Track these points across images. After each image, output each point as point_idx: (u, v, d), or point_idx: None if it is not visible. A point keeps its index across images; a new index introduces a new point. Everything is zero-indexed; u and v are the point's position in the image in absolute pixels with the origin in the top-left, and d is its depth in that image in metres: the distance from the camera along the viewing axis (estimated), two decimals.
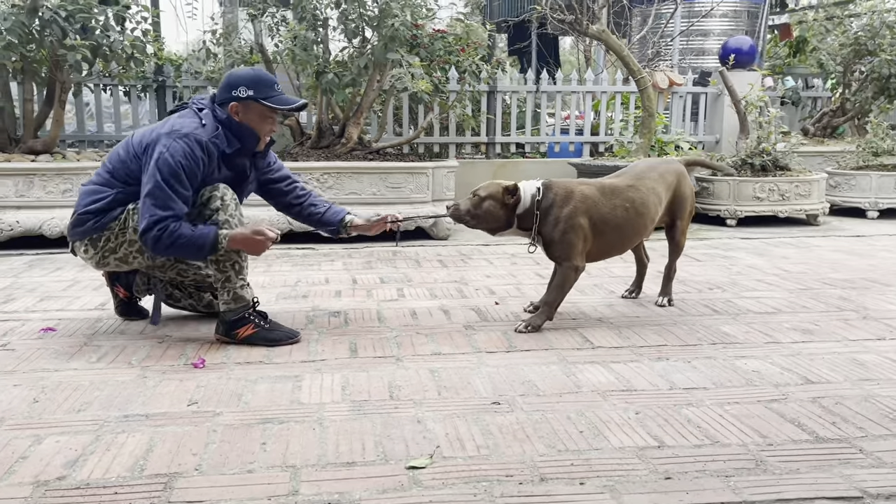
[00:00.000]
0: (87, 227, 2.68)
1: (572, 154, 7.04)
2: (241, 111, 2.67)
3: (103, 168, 2.74)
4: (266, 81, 2.69)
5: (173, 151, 2.52)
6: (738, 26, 9.16)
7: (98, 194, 2.68)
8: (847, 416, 2.05)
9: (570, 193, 2.91)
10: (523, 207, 2.91)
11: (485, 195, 2.91)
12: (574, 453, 1.82)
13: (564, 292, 2.96)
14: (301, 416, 2.04)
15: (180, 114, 2.72)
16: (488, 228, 2.97)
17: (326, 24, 5.26)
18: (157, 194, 2.51)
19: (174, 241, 2.52)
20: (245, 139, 2.71)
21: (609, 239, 2.97)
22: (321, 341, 2.76)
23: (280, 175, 3.00)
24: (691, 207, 3.22)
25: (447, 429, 1.96)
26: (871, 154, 6.49)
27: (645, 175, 3.09)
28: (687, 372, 2.42)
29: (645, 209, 2.99)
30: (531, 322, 2.91)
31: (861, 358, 2.56)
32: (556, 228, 2.88)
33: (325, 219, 3.02)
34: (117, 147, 2.76)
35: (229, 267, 2.67)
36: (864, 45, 7.29)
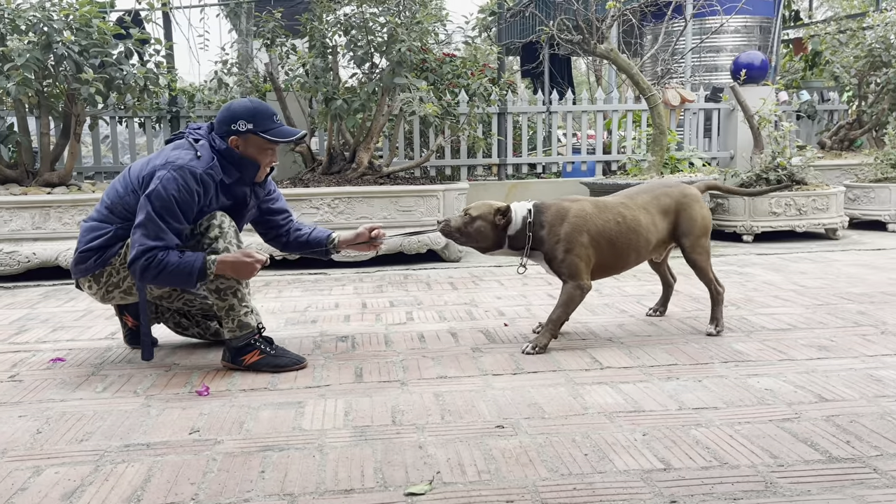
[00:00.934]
0: (88, 264, 2.69)
1: (585, 174, 7.02)
2: (241, 144, 2.68)
3: (102, 204, 2.74)
4: (264, 114, 2.69)
5: (166, 184, 2.53)
6: (751, 41, 9.13)
7: (98, 231, 2.69)
8: (862, 434, 1.98)
9: (564, 212, 2.90)
10: (515, 228, 2.91)
11: (476, 215, 2.92)
12: (577, 477, 1.78)
13: (569, 310, 2.93)
14: (302, 443, 2.02)
15: (175, 144, 2.71)
16: (478, 247, 2.98)
17: (335, 51, 5.32)
18: (149, 226, 2.52)
19: (161, 269, 2.52)
20: (245, 170, 2.72)
21: (606, 254, 2.94)
22: (327, 366, 2.74)
23: (278, 207, 3.01)
24: (703, 227, 3.10)
25: (449, 454, 1.93)
26: (889, 166, 6.39)
27: (637, 195, 3.08)
28: (697, 391, 2.37)
29: (636, 225, 2.96)
30: (536, 342, 2.88)
31: (878, 374, 2.49)
32: (558, 247, 2.87)
33: (312, 240, 3.01)
34: (115, 182, 2.77)
35: (230, 295, 2.67)
36: (878, 57, 7.21)
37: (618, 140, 7.00)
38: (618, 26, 8.18)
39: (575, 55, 9.62)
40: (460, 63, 5.98)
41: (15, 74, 4.41)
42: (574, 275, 2.88)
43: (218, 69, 5.76)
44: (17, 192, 4.91)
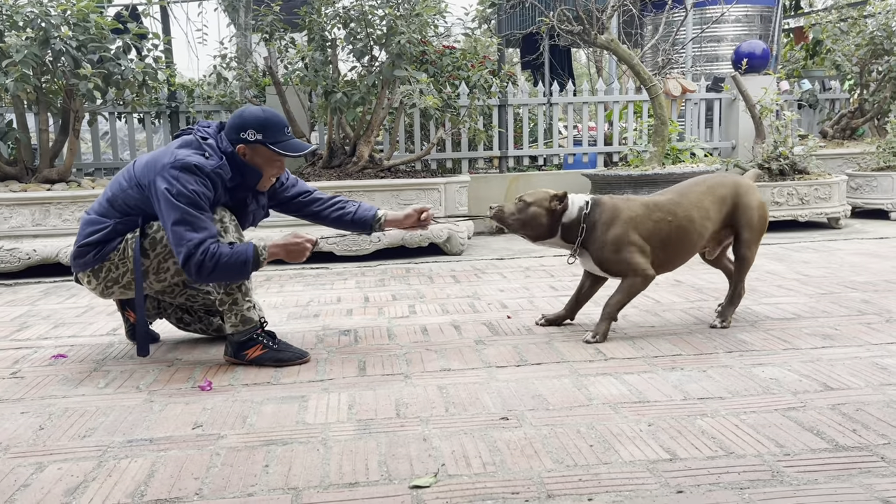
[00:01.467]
0: (87, 258, 2.67)
1: (586, 165, 7.00)
2: (249, 154, 2.65)
3: (103, 196, 2.72)
4: (276, 126, 2.65)
5: (183, 181, 2.50)
6: (752, 31, 9.08)
7: (97, 224, 2.67)
8: (868, 422, 1.97)
9: (617, 213, 2.86)
10: (569, 218, 2.89)
11: (531, 200, 2.91)
12: (583, 468, 1.77)
13: (629, 298, 2.91)
14: (305, 437, 2.01)
15: (182, 141, 2.67)
16: (531, 235, 2.95)
17: (335, 44, 5.29)
18: (187, 220, 2.48)
19: (216, 262, 2.49)
20: (247, 176, 2.69)
21: (658, 254, 2.91)
22: (330, 360, 2.74)
23: (295, 191, 2.98)
24: (760, 220, 3.02)
25: (453, 446, 1.92)
26: (891, 154, 6.37)
27: (690, 189, 3.02)
28: (702, 381, 2.36)
29: (688, 222, 2.91)
30: (597, 331, 2.88)
31: (884, 362, 2.47)
32: (606, 250, 2.85)
33: (357, 218, 2.96)
34: (118, 175, 2.74)
35: (236, 289, 2.66)
36: (880, 45, 7.18)
37: (619, 131, 6.98)
38: (618, 16, 8.14)
39: (575, 46, 9.59)
40: (460, 55, 5.95)
41: (13, 70, 4.40)
42: (635, 269, 2.85)
43: (216, 63, 5.73)
44: (17, 188, 4.89)
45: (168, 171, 2.52)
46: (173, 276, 2.74)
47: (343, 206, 2.99)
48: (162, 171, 2.53)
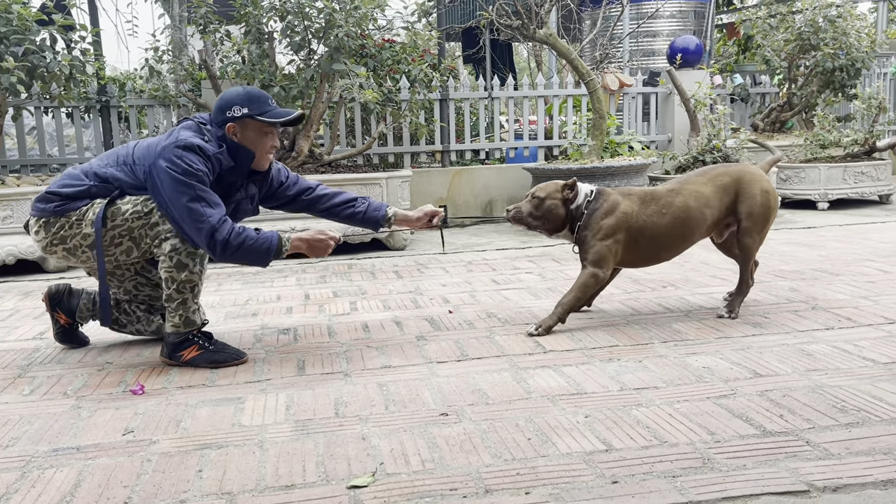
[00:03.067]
0: (47, 206, 2.58)
1: (528, 159, 7.05)
2: (239, 130, 2.61)
3: (97, 160, 2.68)
4: (259, 97, 2.62)
5: (186, 160, 2.47)
6: (686, 26, 9.30)
7: (74, 179, 2.61)
8: (795, 408, 2.04)
9: (615, 206, 2.92)
10: (576, 205, 2.95)
11: (544, 195, 2.96)
12: (521, 462, 1.78)
13: (582, 295, 2.94)
14: (241, 440, 1.97)
15: (182, 126, 2.63)
16: (550, 228, 2.99)
17: (272, 37, 5.19)
18: (201, 196, 2.46)
19: (242, 243, 2.49)
20: (239, 159, 2.64)
21: (645, 248, 2.97)
22: (268, 360, 2.69)
23: (298, 189, 2.93)
24: (762, 209, 3.01)
25: (392, 444, 1.91)
26: (818, 146, 6.61)
27: (692, 178, 3.06)
28: (638, 372, 2.40)
29: (685, 213, 2.94)
30: (542, 323, 2.90)
31: (809, 348, 2.56)
32: (594, 236, 2.90)
33: (368, 217, 2.95)
34: (115, 151, 2.70)
35: (188, 290, 2.60)
36: (807, 41, 7.43)
37: (559, 125, 7.05)
38: (557, 11, 8.22)
39: (515, 41, 9.65)
40: (400, 49, 5.91)
41: None
42: (597, 262, 2.90)
43: (149, 56, 5.56)
44: None
45: (172, 150, 2.48)
46: (123, 254, 2.63)
47: (353, 203, 2.96)
48: (164, 151, 2.49)
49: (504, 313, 3.26)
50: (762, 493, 1.58)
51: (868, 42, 7.50)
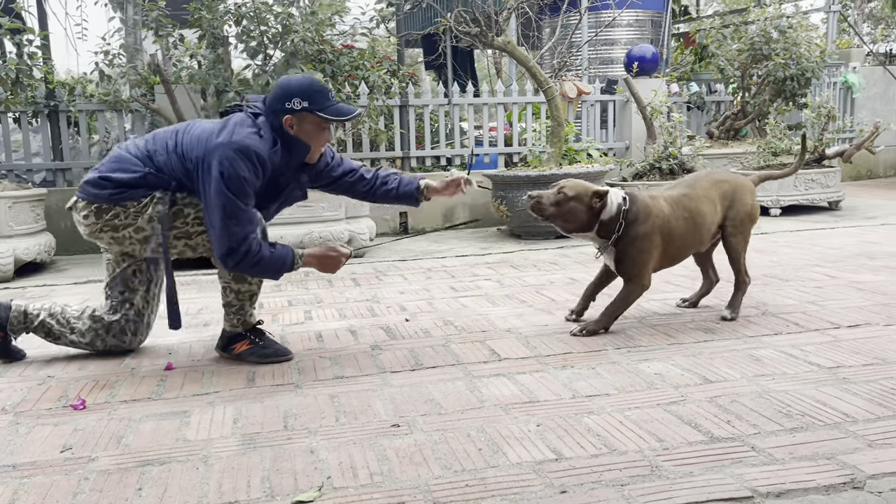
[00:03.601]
0: (101, 192, 2.53)
1: (489, 166, 7.06)
2: (296, 123, 2.55)
3: (144, 142, 2.60)
4: (321, 91, 2.56)
5: (237, 166, 2.42)
6: (643, 35, 9.44)
7: (128, 164, 2.54)
8: (742, 413, 2.06)
9: (649, 211, 2.88)
10: (608, 215, 2.87)
11: (572, 195, 2.86)
12: (471, 473, 1.76)
13: (627, 305, 2.95)
14: (185, 455, 1.92)
15: (237, 120, 2.54)
16: (566, 227, 2.94)
17: (227, 41, 5.12)
18: (234, 211, 2.43)
19: (256, 262, 2.51)
20: (294, 152, 2.60)
21: (671, 251, 2.98)
22: (217, 372, 2.63)
23: (342, 170, 2.90)
24: (750, 216, 3.13)
25: (341, 457, 1.88)
26: (770, 154, 6.74)
27: (697, 183, 3.09)
28: (591, 379, 2.41)
29: (701, 217, 2.98)
30: (586, 326, 2.91)
31: (758, 353, 2.60)
32: (633, 245, 2.87)
33: (402, 193, 2.94)
34: (163, 133, 2.62)
35: (247, 298, 2.74)
36: (759, 51, 7.59)
37: (518, 132, 7.08)
38: (516, 19, 8.27)
39: (475, 48, 9.68)
40: (358, 55, 5.88)
41: None
42: (641, 275, 2.91)
43: (99, 60, 5.43)
44: None
45: (224, 150, 2.43)
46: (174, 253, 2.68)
47: (386, 181, 2.94)
48: (217, 149, 2.44)
49: (461, 321, 3.25)
50: (707, 500, 1.59)
51: (818, 52, 7.69)
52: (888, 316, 3.02)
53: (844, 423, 1.96)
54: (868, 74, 9.48)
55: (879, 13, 27.85)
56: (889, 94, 9.74)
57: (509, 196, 5.71)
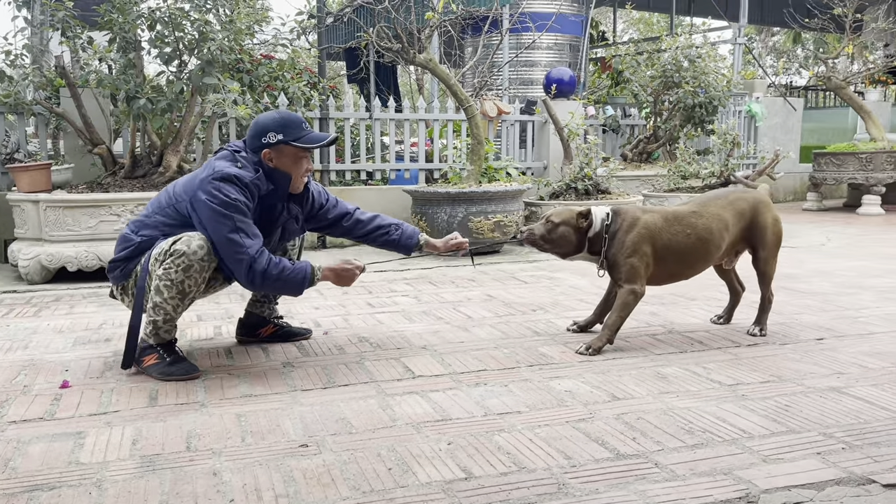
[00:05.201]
0: (116, 274, 2.72)
1: (410, 181, 7.07)
2: (275, 156, 2.68)
3: (143, 213, 2.75)
4: (294, 122, 2.69)
5: (224, 191, 2.53)
6: (562, 58, 9.69)
7: (127, 241, 2.70)
8: (647, 430, 2.12)
9: (635, 220, 2.95)
10: (594, 232, 2.96)
11: (559, 221, 2.97)
12: (379, 493, 1.74)
13: (625, 315, 2.96)
14: (77, 479, 1.81)
15: (217, 157, 2.69)
16: (561, 252, 3.03)
17: (140, 46, 4.94)
18: (240, 227, 2.54)
19: (279, 273, 2.58)
20: (277, 182, 2.70)
21: (672, 265, 3.01)
22: (118, 390, 2.51)
23: (337, 213, 3.03)
24: (774, 237, 3.16)
25: (245, 479, 1.82)
26: (680, 177, 7.02)
27: (711, 202, 3.12)
28: (503, 396, 2.42)
29: (709, 234, 3.01)
30: (591, 344, 2.91)
31: (664, 371, 2.68)
32: (621, 252, 2.92)
33: (401, 244, 3.08)
34: (160, 193, 2.78)
35: (160, 314, 2.63)
36: (670, 78, 7.92)
37: (440, 149, 7.13)
38: (438, 37, 8.35)
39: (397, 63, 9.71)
40: (277, 66, 5.79)
41: None
42: (631, 279, 2.93)
43: (0, 60, 5.15)
44: None
45: (209, 182, 2.55)
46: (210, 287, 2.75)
47: (387, 230, 3.08)
48: (202, 185, 2.56)
49: (376, 337, 3.22)
50: None
51: (724, 82, 8.09)
52: (784, 335, 3.17)
53: (742, 438, 2.04)
54: (770, 105, 10.03)
55: (782, 47, 29.61)
56: (789, 124, 10.33)
57: (429, 212, 5.73)
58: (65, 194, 4.72)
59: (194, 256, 2.53)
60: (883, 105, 11.61)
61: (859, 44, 14.38)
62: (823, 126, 12.60)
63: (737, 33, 10.52)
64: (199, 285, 2.61)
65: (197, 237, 2.56)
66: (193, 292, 2.61)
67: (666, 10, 14.31)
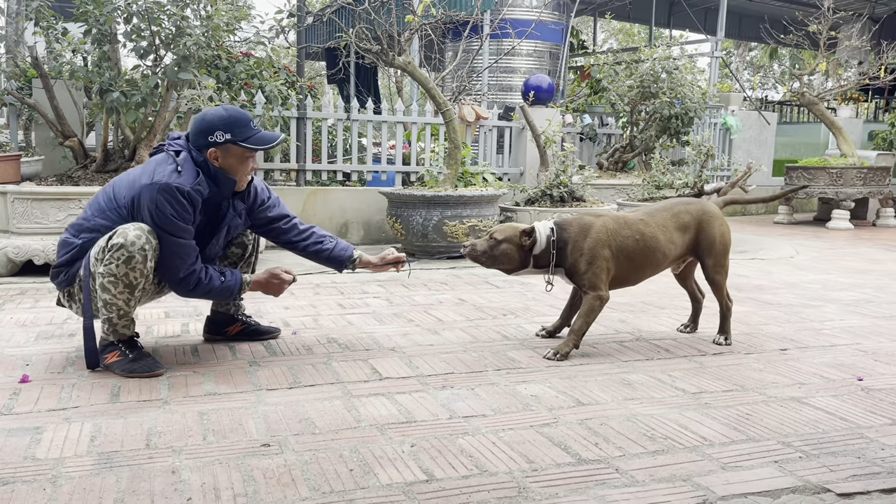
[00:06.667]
0: (60, 280, 2.66)
1: (386, 183, 7.06)
2: (221, 156, 2.62)
3: (81, 216, 2.69)
4: (241, 121, 2.62)
5: (163, 207, 2.50)
6: (542, 65, 9.75)
7: (67, 246, 2.64)
8: (609, 436, 2.13)
9: (588, 227, 2.96)
10: (539, 248, 2.96)
11: (501, 238, 2.97)
12: (339, 495, 1.73)
13: (591, 320, 2.98)
14: (32, 476, 1.78)
15: (157, 160, 2.61)
16: (505, 269, 3.03)
17: (115, 39, 4.89)
18: (172, 249, 2.56)
19: (207, 291, 2.67)
20: (221, 184, 2.66)
21: (623, 268, 3.02)
22: (79, 386, 2.47)
23: (276, 214, 2.97)
24: (722, 246, 3.17)
25: (204, 478, 1.80)
26: (654, 187, 7.08)
27: (657, 213, 3.14)
28: (469, 400, 2.43)
29: (655, 243, 3.03)
30: (559, 349, 2.91)
31: (629, 378, 2.70)
32: (581, 260, 2.92)
33: (333, 256, 3.02)
34: (97, 196, 2.70)
35: (114, 311, 2.58)
36: (647, 88, 8.01)
37: (417, 152, 7.13)
38: (419, 40, 8.36)
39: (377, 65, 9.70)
40: (255, 63, 5.75)
41: None
42: (595, 286, 2.94)
43: None
44: None
45: (148, 193, 2.51)
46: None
47: (321, 240, 3.02)
48: (142, 192, 2.53)
49: (345, 338, 3.21)
50: None
51: (701, 94, 8.19)
52: (749, 345, 3.22)
53: (702, 446, 2.06)
54: (745, 118, 10.18)
55: (759, 62, 30.06)
56: (762, 138, 10.49)
57: (404, 214, 5.72)
58: (34, 186, 4.65)
59: (133, 247, 2.47)
60: (854, 122, 11.84)
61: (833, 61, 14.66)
62: (796, 141, 12.82)
63: (714, 47, 10.67)
64: (147, 275, 2.55)
65: (132, 227, 2.50)
66: (142, 283, 2.56)
67: (646, 21, 14.47)
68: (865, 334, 3.45)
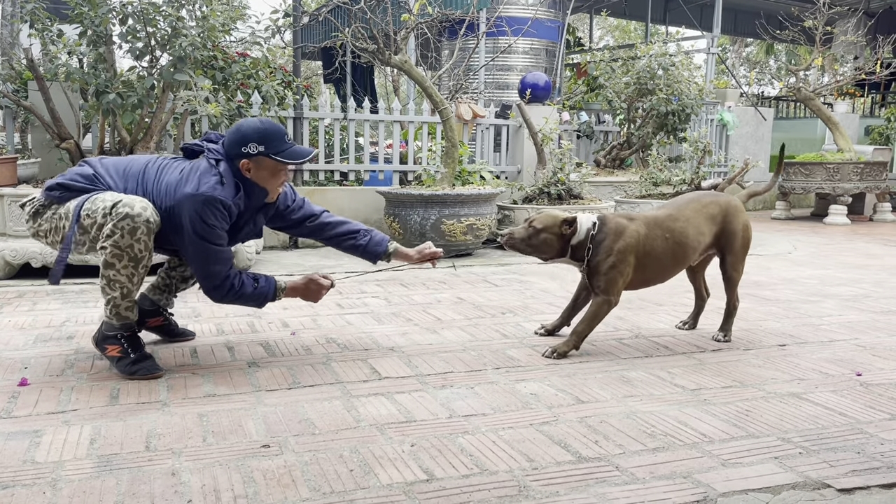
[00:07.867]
0: (51, 194, 2.60)
1: (384, 182, 7.06)
2: (253, 168, 2.63)
3: (117, 175, 2.65)
4: (276, 134, 2.62)
5: (205, 217, 2.52)
6: (538, 63, 9.75)
7: (85, 178, 2.61)
8: (609, 433, 2.13)
9: (622, 230, 2.94)
10: (577, 239, 2.95)
11: (541, 227, 2.97)
12: (339, 495, 1.73)
13: (594, 324, 2.98)
14: (32, 479, 1.78)
15: (201, 169, 2.60)
16: (542, 257, 3.04)
17: (111, 41, 4.88)
18: (210, 254, 2.58)
19: (240, 296, 2.68)
20: (253, 196, 2.69)
21: (649, 270, 3.02)
22: (78, 388, 2.47)
23: (301, 215, 2.98)
24: (744, 242, 3.18)
25: (204, 479, 1.80)
26: (651, 184, 7.09)
27: (685, 206, 3.13)
28: (468, 399, 2.43)
29: (684, 238, 3.03)
30: (557, 349, 2.91)
31: (629, 375, 2.70)
32: (605, 262, 2.92)
33: (368, 250, 3.03)
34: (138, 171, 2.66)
35: (118, 288, 2.56)
36: (644, 85, 8.01)
37: (414, 151, 7.12)
38: (415, 39, 8.35)
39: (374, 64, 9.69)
40: (250, 63, 5.75)
41: None
42: (608, 290, 2.93)
43: None
44: None
45: (192, 202, 2.52)
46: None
47: (354, 235, 3.03)
48: (185, 201, 2.53)
49: (344, 338, 3.20)
50: None
51: (697, 90, 8.20)
52: (748, 341, 3.22)
53: (702, 442, 2.07)
54: (741, 114, 10.18)
55: (755, 58, 30.07)
56: (759, 134, 10.50)
57: (402, 214, 5.72)
58: (31, 189, 4.64)
59: (139, 218, 2.47)
60: (850, 117, 11.85)
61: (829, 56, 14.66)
62: (793, 136, 12.83)
63: (710, 43, 10.67)
64: (149, 249, 2.55)
65: (138, 200, 2.50)
66: (145, 258, 2.55)
67: (642, 18, 14.47)
68: (864, 329, 3.45)
